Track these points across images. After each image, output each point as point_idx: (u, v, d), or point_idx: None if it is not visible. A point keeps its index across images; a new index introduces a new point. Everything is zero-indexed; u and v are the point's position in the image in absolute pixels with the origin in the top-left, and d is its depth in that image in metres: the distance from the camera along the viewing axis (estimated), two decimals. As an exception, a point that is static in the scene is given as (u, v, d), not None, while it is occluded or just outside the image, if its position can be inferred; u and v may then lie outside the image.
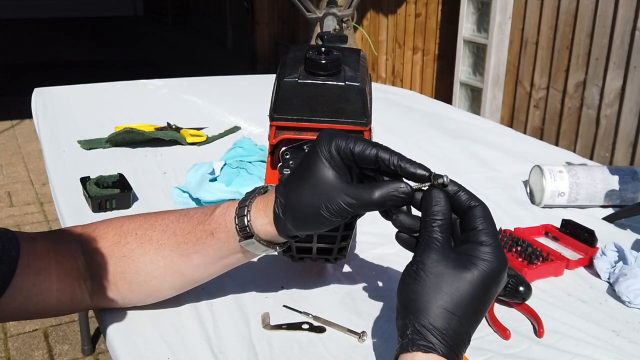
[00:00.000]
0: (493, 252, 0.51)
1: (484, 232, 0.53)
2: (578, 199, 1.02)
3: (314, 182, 0.56)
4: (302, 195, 0.57)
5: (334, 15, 1.39)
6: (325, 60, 0.66)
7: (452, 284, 0.50)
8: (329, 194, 0.56)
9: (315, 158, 0.57)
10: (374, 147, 0.56)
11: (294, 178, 0.59)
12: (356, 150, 0.56)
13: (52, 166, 1.16)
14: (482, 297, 0.51)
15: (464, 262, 0.51)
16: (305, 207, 0.57)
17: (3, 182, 3.25)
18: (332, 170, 0.56)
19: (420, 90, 3.85)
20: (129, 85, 1.85)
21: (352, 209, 0.56)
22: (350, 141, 0.56)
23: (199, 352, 0.63)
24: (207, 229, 0.63)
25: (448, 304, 0.50)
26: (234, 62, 6.59)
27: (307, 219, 0.57)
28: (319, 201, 0.56)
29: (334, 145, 0.56)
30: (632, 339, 0.68)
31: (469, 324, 0.51)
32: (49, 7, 9.16)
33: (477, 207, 0.54)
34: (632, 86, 2.44)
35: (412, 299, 0.51)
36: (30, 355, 1.89)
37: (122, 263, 0.65)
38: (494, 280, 0.51)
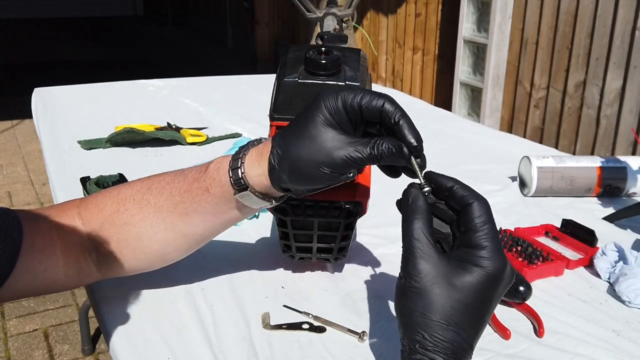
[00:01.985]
0: (490, 257, 0.48)
1: (480, 234, 0.48)
2: (565, 160, 1.06)
3: (315, 136, 0.55)
4: (301, 148, 0.55)
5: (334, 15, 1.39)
6: (325, 60, 0.66)
7: (445, 294, 0.47)
8: (330, 149, 0.55)
9: (319, 112, 0.55)
10: (381, 97, 0.55)
11: (293, 130, 0.57)
12: (363, 102, 0.55)
13: (52, 166, 1.16)
14: (480, 305, 0.48)
15: (457, 270, 0.48)
16: (305, 160, 0.55)
17: (3, 182, 3.25)
18: (335, 124, 0.55)
19: (420, 90, 3.85)
20: (129, 85, 1.85)
21: (353, 163, 0.54)
22: (358, 93, 0.55)
23: (199, 352, 0.63)
24: (202, 185, 0.62)
25: (442, 317, 0.47)
26: (234, 62, 6.59)
27: (305, 172, 0.56)
28: (320, 156, 0.55)
29: (340, 99, 0.55)
30: (632, 339, 0.68)
31: (469, 334, 0.48)
32: (49, 7, 9.16)
33: (473, 203, 0.50)
34: (632, 86, 2.44)
35: (404, 315, 0.48)
36: (30, 355, 1.89)
37: (123, 231, 0.65)
38: (492, 286, 0.48)
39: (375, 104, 0.55)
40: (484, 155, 1.29)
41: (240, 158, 0.60)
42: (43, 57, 6.57)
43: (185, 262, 0.79)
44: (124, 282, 0.74)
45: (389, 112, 0.54)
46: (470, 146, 1.36)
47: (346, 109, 0.55)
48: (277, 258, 0.82)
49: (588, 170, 1.04)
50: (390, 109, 0.54)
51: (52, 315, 2.09)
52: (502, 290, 0.49)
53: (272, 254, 0.84)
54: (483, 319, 0.49)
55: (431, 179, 0.53)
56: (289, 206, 0.69)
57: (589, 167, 1.05)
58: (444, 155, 1.28)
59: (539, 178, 1.04)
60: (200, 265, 0.79)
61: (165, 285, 0.74)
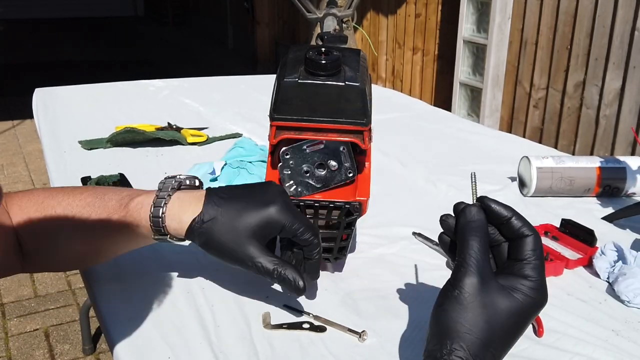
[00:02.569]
0: (537, 289, 0.51)
1: (531, 266, 0.51)
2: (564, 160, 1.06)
3: (238, 235, 0.62)
4: (223, 235, 0.63)
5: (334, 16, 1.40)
6: (325, 61, 0.67)
7: (492, 315, 0.49)
8: (242, 250, 0.63)
9: (255, 218, 0.63)
10: (311, 232, 0.64)
11: (226, 211, 0.63)
12: (296, 229, 0.64)
13: (53, 166, 1.16)
14: (516, 331, 0.51)
15: (506, 293, 0.50)
16: (219, 246, 0.63)
17: (4, 182, 3.25)
18: (259, 237, 0.63)
19: (420, 91, 3.85)
20: (129, 85, 1.85)
21: (257, 272, 0.64)
22: (292, 218, 0.63)
23: (199, 352, 0.63)
24: (121, 219, 0.65)
25: (487, 336, 0.49)
26: (234, 62, 6.59)
27: (217, 253, 0.64)
28: (231, 251, 0.63)
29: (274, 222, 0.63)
30: (632, 338, 0.68)
31: (499, 355, 0.50)
32: (49, 7, 9.17)
33: (529, 236, 0.53)
34: (632, 86, 2.44)
35: (451, 326, 0.50)
36: (31, 355, 1.89)
37: (42, 239, 0.67)
38: (531, 317, 0.51)
39: (308, 238, 0.64)
40: (483, 155, 1.30)
41: (163, 207, 0.64)
42: (43, 57, 6.57)
43: (186, 262, 0.80)
44: (125, 282, 0.74)
45: (311, 245, 0.64)
46: (469, 146, 1.37)
47: (278, 227, 0.63)
48: (277, 258, 0.82)
49: (587, 170, 1.05)
50: (313, 242, 0.64)
51: (52, 315, 2.09)
52: (531, 321, 0.52)
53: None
54: (512, 345, 0.51)
55: (487, 206, 0.54)
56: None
57: (589, 168, 1.05)
58: (443, 155, 1.28)
59: (539, 178, 1.04)
60: (201, 265, 0.79)
61: (165, 285, 0.75)
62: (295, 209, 0.65)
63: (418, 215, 0.99)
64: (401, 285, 0.77)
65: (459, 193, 1.07)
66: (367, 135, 0.69)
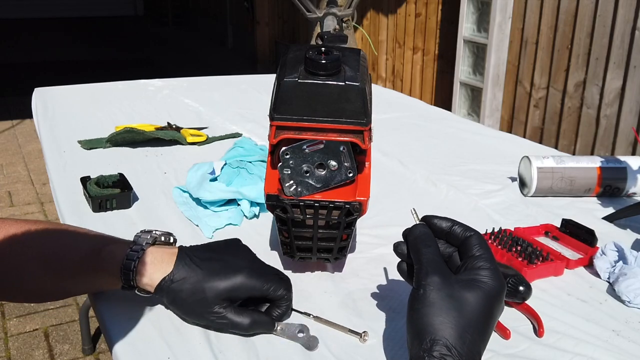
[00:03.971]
0: (492, 275, 0.54)
1: (482, 258, 0.56)
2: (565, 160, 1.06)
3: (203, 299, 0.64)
4: (188, 309, 0.66)
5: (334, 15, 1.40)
6: (325, 60, 0.66)
7: (461, 304, 0.52)
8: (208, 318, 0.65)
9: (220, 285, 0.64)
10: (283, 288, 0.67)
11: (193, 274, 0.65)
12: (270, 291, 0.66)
13: (53, 166, 1.16)
14: (488, 316, 0.53)
15: (468, 285, 0.53)
16: (188, 309, 0.66)
17: (4, 182, 3.25)
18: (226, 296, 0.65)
19: (420, 90, 3.85)
20: (129, 85, 1.85)
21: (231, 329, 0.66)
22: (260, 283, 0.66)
23: (199, 352, 0.63)
24: (93, 266, 0.66)
25: (460, 323, 0.51)
26: (234, 62, 6.59)
27: (186, 314, 0.67)
28: (198, 319, 0.66)
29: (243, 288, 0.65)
30: (632, 339, 0.68)
31: (480, 343, 0.52)
32: (49, 7, 9.16)
33: (472, 236, 0.58)
34: (632, 86, 2.44)
35: (424, 323, 0.52)
36: (30, 355, 1.89)
37: (9, 270, 0.67)
38: (497, 301, 0.54)
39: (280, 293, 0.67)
40: (484, 155, 1.29)
41: (135, 261, 0.65)
42: (43, 57, 6.57)
43: (186, 262, 0.80)
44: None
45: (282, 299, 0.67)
46: (470, 146, 1.36)
47: (247, 293, 0.66)
48: (277, 258, 0.82)
49: (588, 170, 1.05)
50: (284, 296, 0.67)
51: (52, 315, 2.09)
52: (502, 307, 0.56)
53: (272, 254, 0.84)
54: (489, 332, 0.54)
55: (429, 222, 0.60)
56: (289, 206, 0.69)
57: (589, 168, 1.05)
58: (443, 155, 1.28)
59: (539, 178, 1.04)
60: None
61: (165, 285, 0.74)
62: (264, 270, 0.68)
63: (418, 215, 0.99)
64: (401, 285, 0.76)
65: (459, 193, 1.07)
66: (367, 135, 0.69)
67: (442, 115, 1.66)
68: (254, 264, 0.68)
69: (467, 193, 1.07)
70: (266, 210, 0.85)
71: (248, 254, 0.70)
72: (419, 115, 1.62)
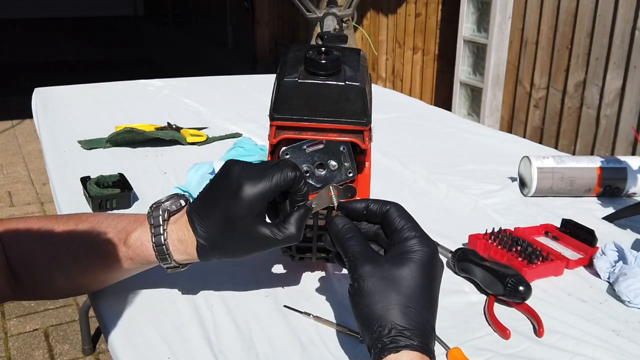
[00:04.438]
0: (421, 242, 0.55)
1: (405, 228, 0.56)
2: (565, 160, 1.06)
3: (240, 234, 0.61)
4: (228, 243, 0.62)
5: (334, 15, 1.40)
6: (325, 60, 0.66)
7: (397, 283, 0.52)
8: (255, 240, 0.61)
9: (239, 208, 0.60)
10: (290, 169, 0.61)
11: (213, 222, 0.62)
12: (281, 182, 0.61)
13: (53, 166, 1.16)
14: (428, 284, 0.54)
15: (398, 261, 0.54)
16: (233, 252, 0.63)
17: (3, 182, 3.25)
18: (256, 218, 0.61)
19: (420, 90, 3.85)
20: (129, 85, 1.85)
21: (277, 246, 0.62)
22: (273, 179, 0.60)
23: (199, 352, 0.63)
24: (124, 254, 0.65)
25: (401, 301, 0.52)
26: (234, 62, 6.59)
27: (235, 257, 0.64)
28: (247, 248, 0.62)
29: (260, 195, 0.60)
30: (632, 339, 0.68)
31: (427, 312, 0.53)
32: (49, 7, 9.16)
33: (389, 209, 0.58)
34: (632, 86, 2.44)
35: (367, 313, 0.52)
36: (30, 355, 1.89)
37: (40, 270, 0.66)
38: (432, 266, 0.54)
39: (290, 176, 0.61)
40: (484, 155, 1.29)
41: (164, 245, 0.63)
42: (43, 57, 6.57)
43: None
44: (124, 282, 0.74)
45: (299, 180, 0.62)
46: (470, 146, 1.36)
47: (266, 198, 0.61)
48: (277, 258, 0.82)
49: (588, 170, 1.05)
50: (301, 178, 0.62)
51: (52, 315, 2.09)
52: (440, 270, 0.56)
53: (272, 254, 0.84)
54: (435, 299, 0.55)
55: (345, 207, 0.61)
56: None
57: (589, 168, 1.05)
58: (443, 155, 1.28)
59: (539, 178, 1.04)
60: (201, 265, 0.79)
61: (165, 285, 0.74)
62: (262, 170, 0.62)
63: (418, 215, 0.98)
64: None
65: (459, 193, 1.07)
66: (367, 135, 0.69)
67: (442, 115, 1.66)
68: (246, 172, 0.62)
69: (467, 193, 1.07)
70: (266, 210, 0.85)
71: (237, 167, 0.63)
72: (419, 115, 1.62)
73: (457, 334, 0.68)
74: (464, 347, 0.65)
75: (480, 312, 0.72)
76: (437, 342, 0.66)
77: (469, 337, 0.67)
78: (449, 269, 0.82)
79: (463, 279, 0.79)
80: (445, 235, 0.90)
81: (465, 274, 0.79)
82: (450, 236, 0.90)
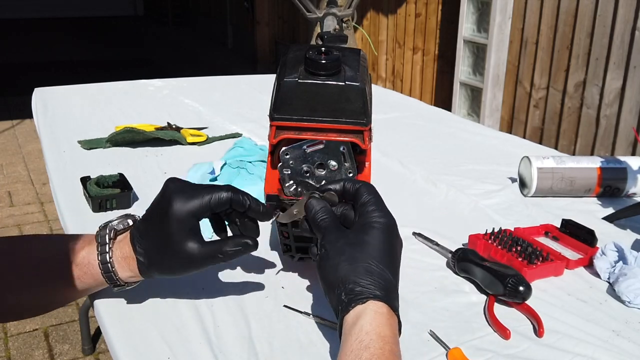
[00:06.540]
0: (382, 215, 0.60)
1: (370, 202, 0.61)
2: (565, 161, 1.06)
3: (173, 247, 0.63)
4: (163, 258, 0.64)
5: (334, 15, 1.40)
6: (326, 60, 0.66)
7: (361, 246, 0.57)
8: (188, 256, 0.63)
9: (171, 222, 0.63)
10: (224, 191, 0.65)
11: (150, 238, 0.64)
12: (212, 203, 0.64)
13: (53, 166, 1.16)
14: (389, 249, 0.58)
15: (362, 230, 0.59)
16: (169, 267, 0.65)
17: (3, 182, 3.25)
18: (187, 233, 0.63)
19: (420, 90, 3.85)
20: (129, 85, 1.85)
21: (214, 263, 0.65)
22: (204, 196, 0.64)
23: (199, 352, 0.63)
24: (74, 273, 0.66)
25: (365, 261, 0.56)
26: (234, 62, 6.59)
27: (172, 274, 0.66)
28: (181, 263, 0.64)
29: (187, 212, 0.63)
30: (632, 339, 0.68)
31: (390, 274, 0.56)
32: (49, 7, 9.16)
33: (361, 186, 0.63)
34: (632, 86, 2.44)
35: (332, 273, 0.56)
36: (30, 355, 1.89)
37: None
38: (392, 234, 0.59)
39: (223, 198, 0.64)
40: (484, 155, 1.29)
41: (109, 263, 0.65)
42: (43, 57, 6.57)
43: (186, 262, 0.80)
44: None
45: (237, 200, 0.65)
46: (470, 146, 1.36)
47: (196, 215, 0.64)
48: (277, 258, 0.82)
49: (588, 170, 1.04)
50: (237, 198, 0.65)
51: (52, 315, 2.09)
52: (400, 243, 0.61)
53: (272, 254, 0.84)
54: (396, 263, 0.59)
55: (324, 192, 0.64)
56: (289, 206, 0.69)
57: (589, 168, 1.05)
58: (443, 155, 1.28)
59: (539, 179, 1.04)
60: (201, 265, 0.79)
61: (165, 286, 0.74)
62: (195, 189, 0.65)
63: (418, 215, 0.99)
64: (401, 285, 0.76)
65: (459, 193, 1.07)
66: (367, 135, 0.69)
67: (442, 115, 1.66)
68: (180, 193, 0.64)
69: (467, 193, 1.07)
70: (266, 210, 0.85)
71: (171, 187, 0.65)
72: (419, 115, 1.62)
73: (457, 334, 0.68)
74: (464, 347, 0.65)
75: (481, 312, 0.72)
76: (437, 342, 0.66)
77: (469, 337, 0.67)
78: (449, 269, 0.82)
79: (463, 279, 0.79)
80: (445, 235, 0.90)
81: (465, 274, 0.79)
82: (450, 236, 0.90)
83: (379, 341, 0.51)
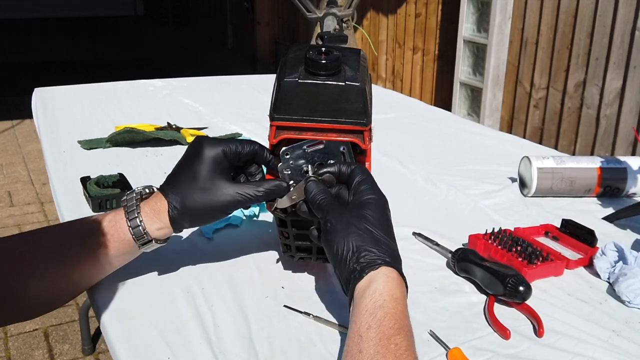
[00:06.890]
0: (375, 192, 0.64)
1: (364, 182, 0.65)
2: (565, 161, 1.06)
3: (207, 187, 0.67)
4: (197, 199, 0.67)
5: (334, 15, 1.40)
6: (326, 60, 0.66)
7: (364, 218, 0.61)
8: (222, 195, 0.67)
9: (204, 164, 0.67)
10: (250, 144, 0.70)
11: (182, 183, 0.68)
12: (240, 149, 0.69)
13: (53, 166, 1.16)
14: (387, 221, 0.63)
15: (360, 205, 0.63)
16: (202, 209, 0.68)
17: (3, 182, 3.25)
18: (220, 173, 0.68)
19: (420, 90, 3.85)
20: (129, 85, 1.85)
21: (244, 204, 0.68)
22: (232, 144, 0.69)
23: (199, 352, 0.63)
24: (99, 241, 0.67)
25: (370, 231, 0.60)
26: (234, 62, 6.59)
27: (204, 217, 0.69)
28: (215, 202, 0.67)
29: (221, 151, 0.68)
30: (632, 339, 0.68)
31: (392, 243, 0.62)
32: (49, 7, 9.16)
33: (355, 168, 0.66)
34: (632, 86, 2.44)
35: (342, 245, 0.60)
36: (30, 355, 1.89)
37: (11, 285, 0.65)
38: (386, 208, 0.64)
39: (251, 149, 0.70)
40: (484, 155, 1.30)
41: (137, 217, 0.67)
42: (43, 57, 6.57)
43: (185, 262, 0.80)
44: (124, 282, 0.74)
45: (260, 154, 0.70)
46: (470, 146, 1.36)
47: (227, 157, 0.68)
48: (277, 258, 0.82)
49: (588, 170, 1.05)
50: (261, 152, 0.70)
51: (52, 315, 2.09)
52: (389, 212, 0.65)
53: (272, 254, 0.84)
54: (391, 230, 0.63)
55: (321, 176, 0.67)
56: (289, 205, 0.69)
57: (589, 168, 1.05)
58: (443, 155, 1.28)
59: (539, 179, 1.04)
60: (201, 265, 0.79)
61: (165, 285, 0.74)
62: (224, 140, 0.70)
63: (418, 215, 0.99)
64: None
65: (459, 193, 1.07)
66: (367, 135, 0.69)
67: (442, 115, 1.66)
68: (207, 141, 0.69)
69: (467, 193, 1.07)
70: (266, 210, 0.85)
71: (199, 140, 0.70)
72: (419, 115, 1.62)
73: (457, 334, 0.68)
74: (464, 347, 0.65)
75: (480, 312, 0.72)
76: (437, 342, 0.66)
77: (469, 337, 0.67)
78: (449, 269, 0.82)
79: (463, 279, 0.79)
80: (445, 235, 0.90)
81: (465, 274, 0.79)
82: (450, 236, 0.90)
83: (392, 302, 0.55)
